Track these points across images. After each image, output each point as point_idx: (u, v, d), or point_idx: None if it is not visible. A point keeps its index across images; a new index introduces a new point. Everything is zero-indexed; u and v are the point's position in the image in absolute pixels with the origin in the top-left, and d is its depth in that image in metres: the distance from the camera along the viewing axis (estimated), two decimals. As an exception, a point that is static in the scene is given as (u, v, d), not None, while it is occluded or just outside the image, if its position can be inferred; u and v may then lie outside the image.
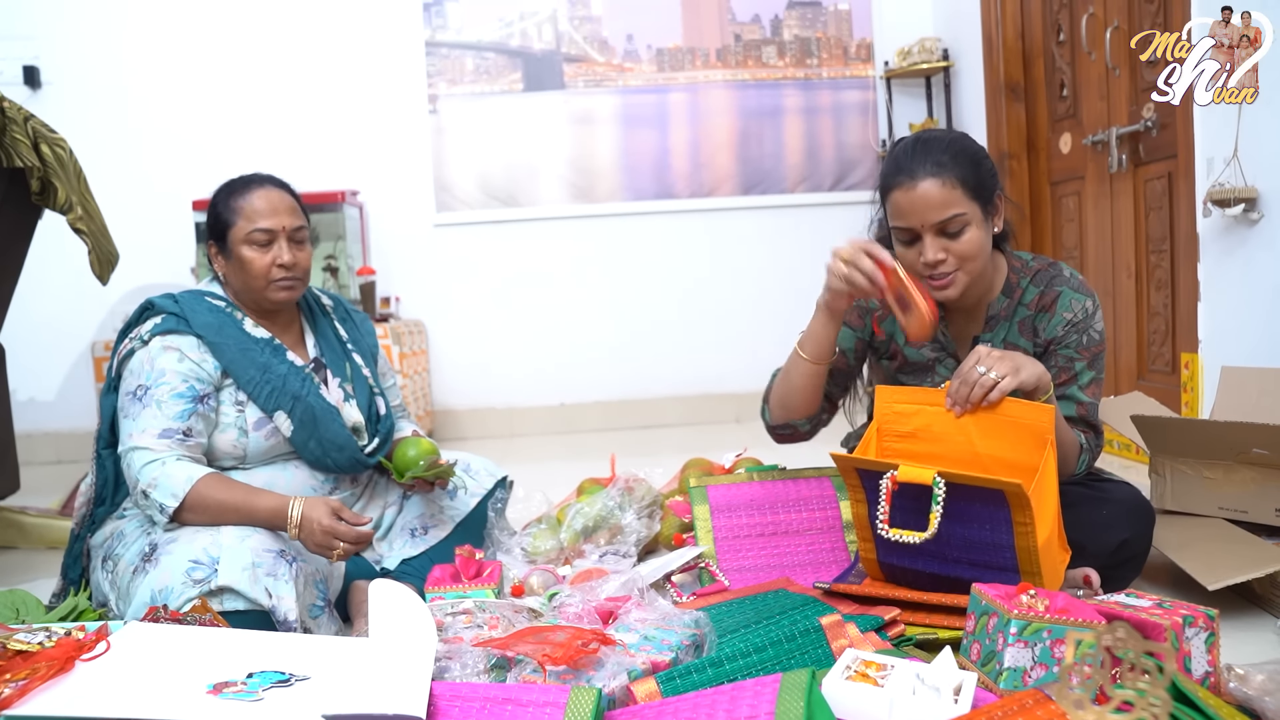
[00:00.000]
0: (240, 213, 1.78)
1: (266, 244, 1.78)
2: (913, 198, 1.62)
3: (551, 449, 4.00)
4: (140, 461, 1.64)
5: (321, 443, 1.81)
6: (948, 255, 1.63)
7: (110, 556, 1.69)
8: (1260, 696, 1.19)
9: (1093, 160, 3.40)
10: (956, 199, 1.61)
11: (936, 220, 1.62)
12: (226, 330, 1.78)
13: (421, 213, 4.34)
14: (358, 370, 1.97)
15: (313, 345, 1.94)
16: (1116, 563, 1.67)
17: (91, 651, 1.21)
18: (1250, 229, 2.49)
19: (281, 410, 1.77)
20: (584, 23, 4.38)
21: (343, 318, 2.04)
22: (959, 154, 1.64)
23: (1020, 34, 3.84)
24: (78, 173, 2.32)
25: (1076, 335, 1.72)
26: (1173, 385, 2.95)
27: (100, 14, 4.15)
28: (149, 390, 1.69)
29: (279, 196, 1.82)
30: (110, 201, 2.67)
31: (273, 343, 1.83)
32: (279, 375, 1.79)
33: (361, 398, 1.94)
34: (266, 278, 1.79)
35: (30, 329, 4.10)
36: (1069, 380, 1.73)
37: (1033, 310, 1.76)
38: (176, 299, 1.80)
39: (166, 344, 1.72)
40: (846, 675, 1.16)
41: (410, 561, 1.92)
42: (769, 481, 1.96)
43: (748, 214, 4.43)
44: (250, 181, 1.83)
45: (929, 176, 1.61)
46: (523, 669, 1.27)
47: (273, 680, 1.21)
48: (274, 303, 1.83)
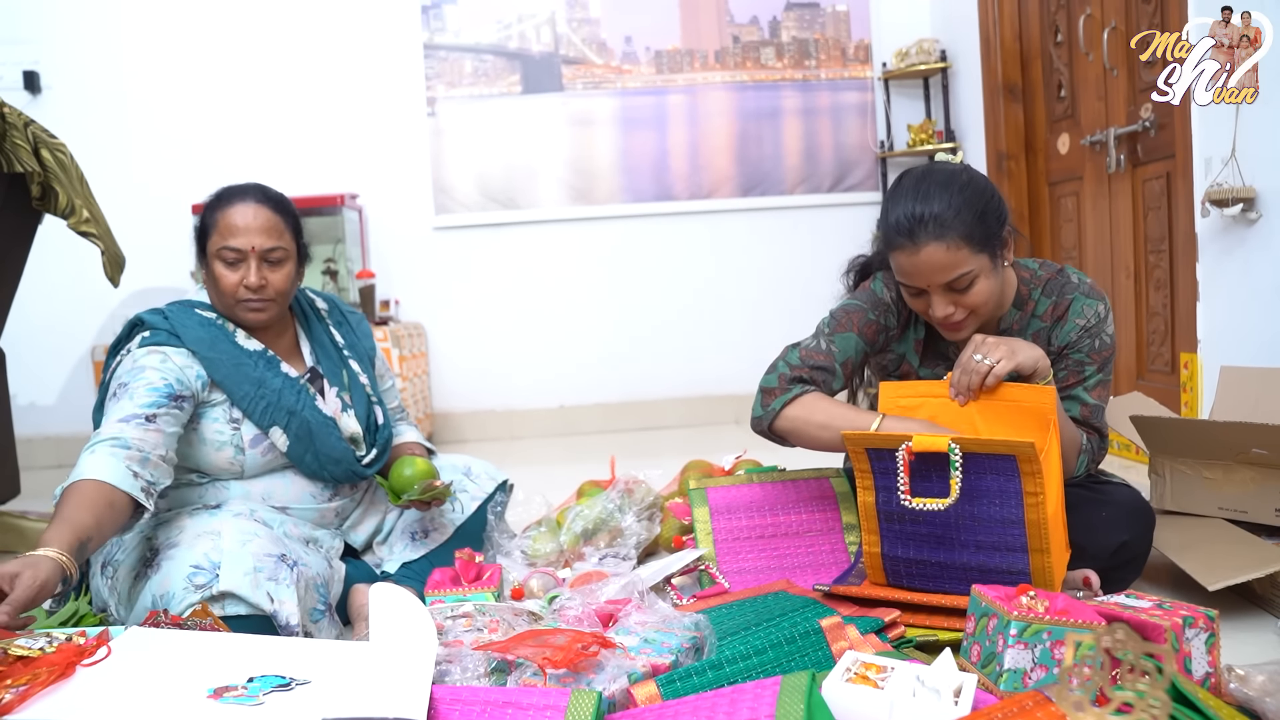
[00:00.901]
0: (216, 226, 1.74)
1: (235, 263, 1.73)
2: (916, 263, 1.59)
3: (551, 451, 4.00)
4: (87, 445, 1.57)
5: (318, 456, 1.79)
6: (956, 308, 1.63)
7: (110, 563, 1.69)
8: (1261, 697, 1.19)
9: (1091, 161, 3.40)
10: (962, 259, 1.58)
11: (943, 281, 1.60)
12: (219, 345, 1.74)
13: (420, 215, 4.34)
14: (355, 378, 1.95)
15: (309, 353, 1.92)
16: (1117, 564, 1.68)
17: (92, 657, 1.21)
18: (1249, 229, 2.49)
19: (277, 426, 1.75)
20: (582, 25, 4.39)
21: (338, 321, 2.01)
22: (961, 208, 1.58)
23: (1018, 35, 3.85)
24: (80, 177, 2.32)
25: (1089, 340, 1.71)
26: (1172, 385, 2.95)
27: (99, 19, 4.16)
28: (127, 385, 1.64)
29: (258, 213, 1.74)
30: (109, 206, 2.67)
31: (266, 355, 1.80)
32: (274, 390, 1.76)
33: (359, 407, 1.92)
34: (234, 296, 1.74)
35: (31, 333, 4.10)
36: (1076, 382, 1.73)
37: (1048, 322, 1.75)
38: (165, 314, 1.76)
39: (151, 349, 1.69)
40: (846, 677, 1.16)
41: (410, 565, 1.91)
42: (768, 483, 1.96)
43: (747, 215, 4.44)
44: (235, 193, 1.78)
45: (931, 241, 1.57)
46: (523, 672, 1.27)
47: (273, 684, 1.21)
48: (241, 322, 1.79)
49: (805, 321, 1.76)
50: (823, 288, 4.21)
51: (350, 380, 1.93)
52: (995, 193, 1.66)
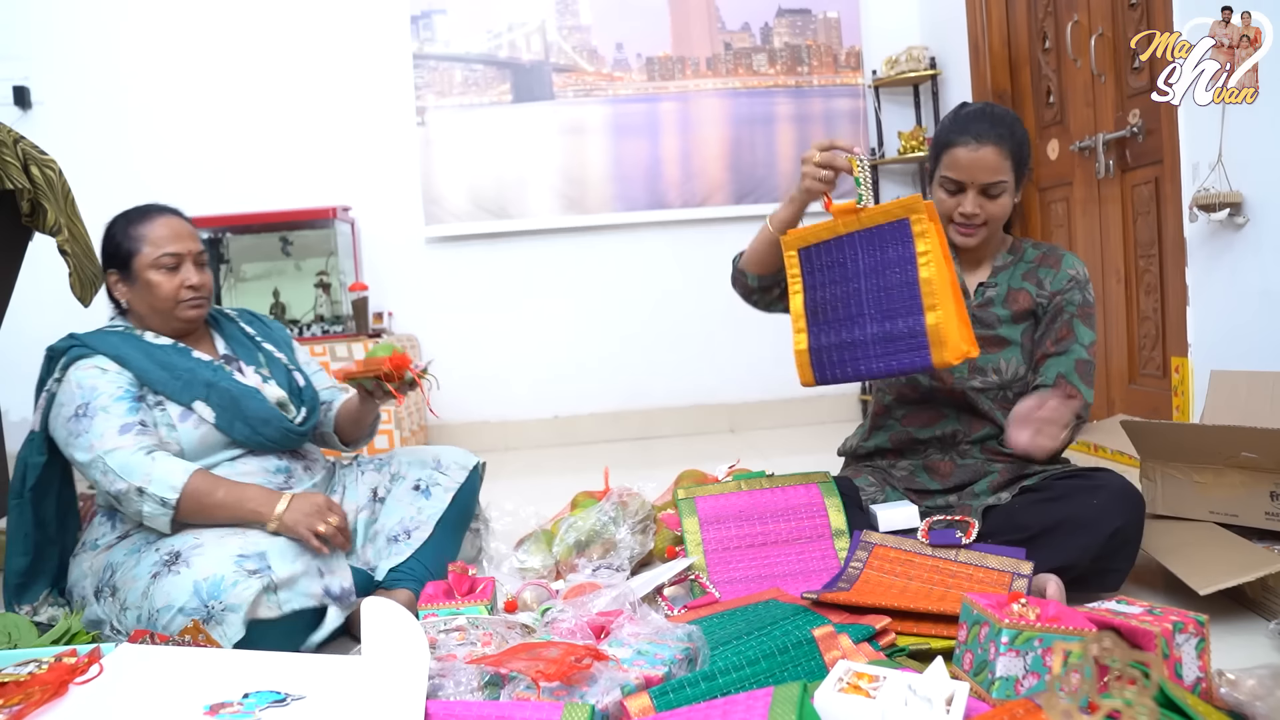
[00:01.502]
0: (145, 240, 1.87)
1: (174, 268, 1.87)
2: (973, 158, 1.86)
3: (546, 461, 4.00)
4: (118, 461, 1.70)
5: (248, 421, 1.86)
6: (981, 211, 1.89)
7: (105, 586, 1.70)
8: (1251, 701, 1.20)
9: (1080, 166, 3.42)
10: (1005, 168, 1.87)
11: (985, 181, 1.87)
12: (129, 344, 1.85)
13: (412, 226, 4.34)
14: (271, 355, 2.04)
15: (222, 346, 2.01)
16: (1111, 550, 1.71)
17: (85, 675, 1.21)
18: (1236, 233, 2.50)
19: (198, 399, 1.83)
20: (573, 32, 4.39)
21: (249, 320, 2.13)
22: (1015, 130, 1.89)
23: (1006, 42, 3.86)
24: (66, 194, 2.32)
25: (1079, 293, 1.93)
26: (1164, 389, 2.97)
27: (90, 34, 4.16)
28: (89, 404, 1.76)
29: (180, 224, 1.92)
30: (101, 220, 2.66)
31: (176, 346, 1.91)
32: (186, 369, 1.86)
33: (279, 377, 2.01)
34: (175, 299, 1.87)
35: (23, 349, 4.09)
36: (1070, 337, 1.92)
37: (1035, 263, 1.98)
38: (75, 337, 1.87)
39: (82, 366, 1.80)
40: (839, 687, 1.17)
41: (398, 568, 1.92)
42: (757, 491, 1.96)
43: (740, 223, 4.43)
44: (149, 211, 1.92)
45: (993, 144, 1.85)
46: (516, 685, 1.27)
47: (269, 700, 1.21)
48: (184, 321, 1.91)
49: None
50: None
51: (267, 359, 2.03)
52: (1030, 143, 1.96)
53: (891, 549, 1.79)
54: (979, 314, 1.95)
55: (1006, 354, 1.94)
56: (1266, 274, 2.42)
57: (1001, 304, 1.96)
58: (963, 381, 1.95)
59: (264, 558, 1.63)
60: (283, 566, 1.64)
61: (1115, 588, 1.74)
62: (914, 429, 2.01)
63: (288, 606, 1.62)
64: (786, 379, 2.87)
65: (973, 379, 1.95)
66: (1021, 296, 1.95)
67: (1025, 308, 1.95)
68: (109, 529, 1.82)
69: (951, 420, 1.97)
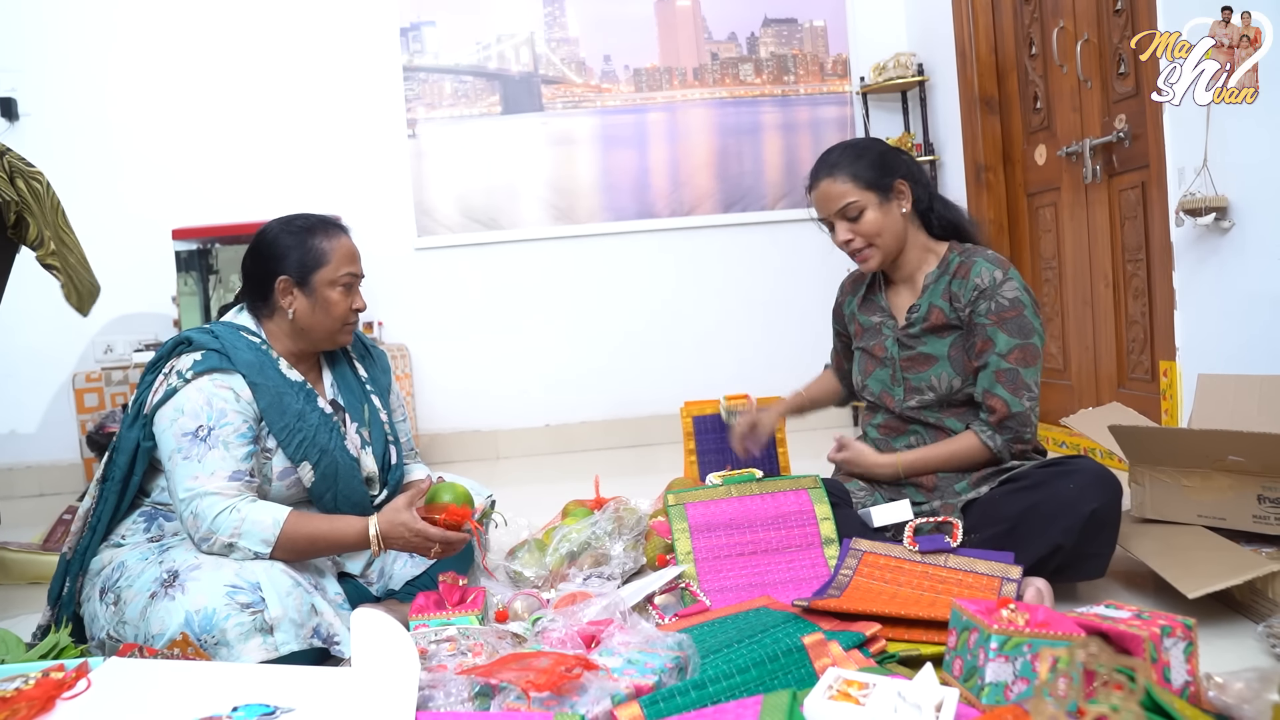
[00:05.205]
0: (333, 254, 1.82)
1: (350, 287, 1.84)
2: (816, 197, 2.04)
3: (537, 470, 4.00)
4: (212, 511, 1.63)
5: (337, 496, 1.82)
6: (854, 235, 2.00)
7: (110, 589, 1.67)
8: (1239, 704, 1.20)
9: (1067, 171, 3.43)
10: (847, 191, 1.98)
11: (835, 210, 2.00)
12: (267, 371, 1.77)
13: (403, 237, 4.34)
14: (375, 415, 1.97)
15: (329, 386, 1.94)
16: (1092, 532, 1.73)
17: (72, 690, 1.21)
18: (1222, 237, 2.51)
19: (308, 461, 1.78)
20: (561, 45, 4.41)
21: (361, 355, 2.05)
22: (848, 155, 2.00)
23: (993, 48, 3.89)
24: (54, 206, 2.31)
25: (985, 302, 1.93)
26: (1152, 393, 2.98)
27: (77, 45, 4.15)
28: (213, 431, 1.67)
29: (355, 245, 1.89)
30: (90, 232, 2.67)
31: (305, 387, 1.83)
32: (311, 426, 1.79)
33: (377, 445, 1.95)
34: (345, 320, 1.84)
35: (11, 362, 4.09)
36: (988, 348, 1.93)
37: (950, 275, 2.00)
38: (215, 334, 1.77)
39: (218, 383, 1.71)
40: (828, 695, 1.17)
41: (414, 582, 1.95)
42: (747, 498, 1.96)
43: (728, 231, 4.45)
44: (330, 226, 1.87)
45: (823, 178, 2.01)
46: (506, 696, 1.27)
47: (258, 713, 1.21)
48: (335, 344, 1.88)
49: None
50: (805, 301, 4.27)
51: (371, 416, 1.96)
52: (889, 150, 2.04)
53: (881, 556, 1.79)
54: (903, 338, 2.04)
55: (935, 370, 2.00)
56: (1253, 277, 2.44)
57: (922, 323, 2.02)
58: (901, 404, 2.04)
59: (257, 589, 1.57)
60: (276, 600, 1.57)
61: (1099, 574, 1.78)
62: (890, 438, 2.08)
63: (284, 649, 1.55)
64: (776, 385, 2.88)
65: (909, 399, 2.03)
66: (934, 314, 2.00)
67: (941, 323, 2.00)
68: (142, 531, 1.77)
69: (917, 432, 2.04)
